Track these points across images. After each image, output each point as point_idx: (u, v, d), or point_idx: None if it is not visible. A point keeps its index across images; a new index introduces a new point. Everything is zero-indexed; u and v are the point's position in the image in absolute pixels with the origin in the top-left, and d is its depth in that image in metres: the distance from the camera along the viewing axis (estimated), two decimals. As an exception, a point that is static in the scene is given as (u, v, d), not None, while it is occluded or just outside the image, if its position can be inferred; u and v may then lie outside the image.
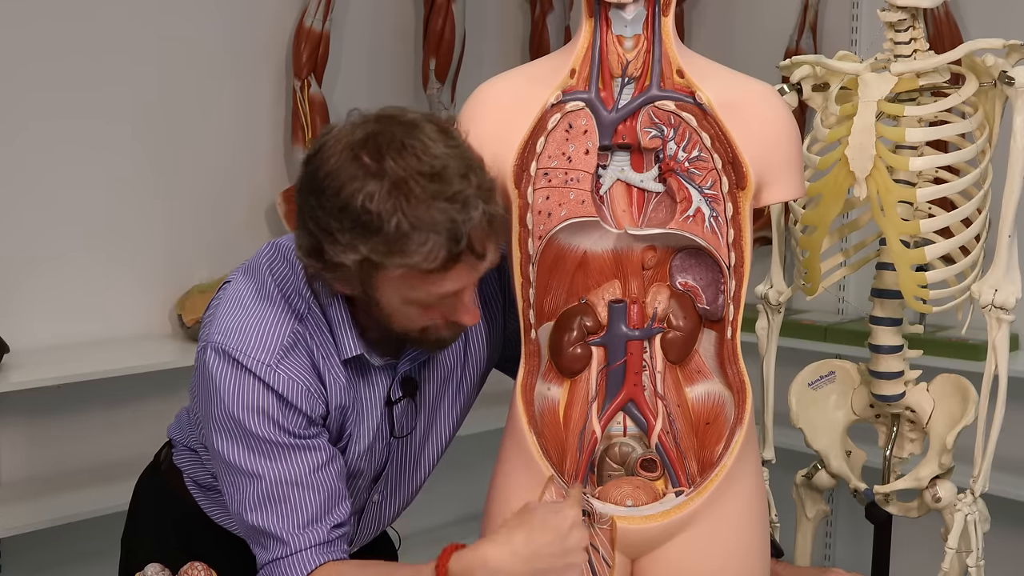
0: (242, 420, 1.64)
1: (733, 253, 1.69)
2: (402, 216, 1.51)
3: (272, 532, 1.66)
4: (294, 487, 1.66)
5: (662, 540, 1.68)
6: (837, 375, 2.20)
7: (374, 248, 1.53)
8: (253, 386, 1.64)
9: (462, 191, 1.52)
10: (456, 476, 2.32)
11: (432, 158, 1.52)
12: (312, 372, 1.68)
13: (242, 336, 1.66)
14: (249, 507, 1.67)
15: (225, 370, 1.65)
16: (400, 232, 1.51)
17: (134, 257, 3.25)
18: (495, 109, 1.71)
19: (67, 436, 3.14)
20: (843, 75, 2.04)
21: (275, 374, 1.64)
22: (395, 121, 1.57)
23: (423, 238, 1.51)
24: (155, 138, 3.25)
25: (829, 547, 3.67)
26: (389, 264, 1.54)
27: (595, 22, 1.68)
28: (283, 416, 1.65)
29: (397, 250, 1.52)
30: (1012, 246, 1.95)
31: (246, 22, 3.41)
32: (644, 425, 1.74)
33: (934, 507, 2.06)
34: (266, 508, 1.66)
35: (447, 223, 1.51)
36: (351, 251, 1.54)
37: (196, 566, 1.75)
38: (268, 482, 1.66)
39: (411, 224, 1.51)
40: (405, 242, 1.52)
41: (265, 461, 1.65)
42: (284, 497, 1.66)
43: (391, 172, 1.51)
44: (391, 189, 1.51)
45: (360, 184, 1.51)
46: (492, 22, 3.98)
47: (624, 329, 1.73)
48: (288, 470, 1.66)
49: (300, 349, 1.67)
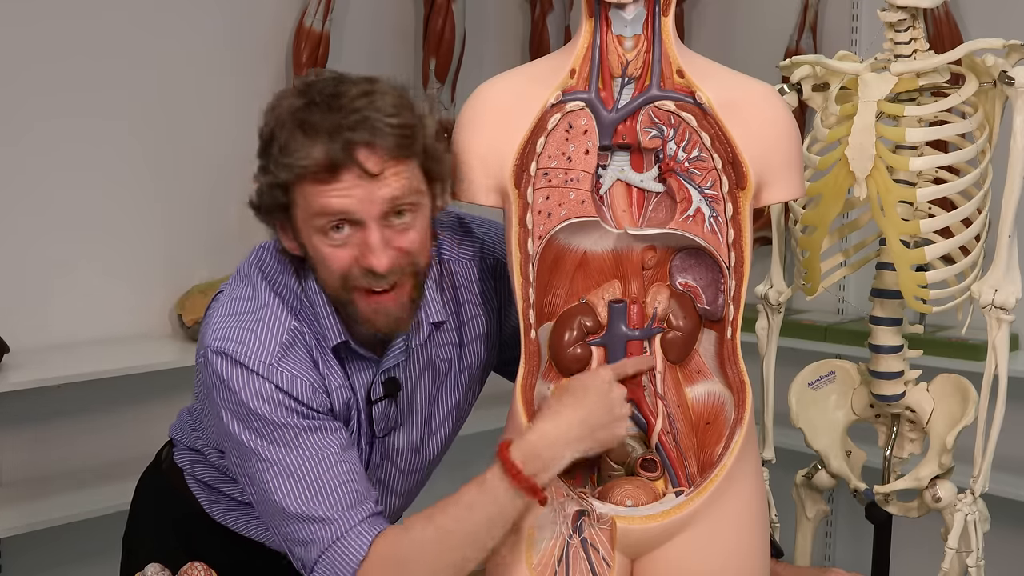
0: (261, 412, 1.63)
1: (733, 253, 1.69)
2: (295, 124, 1.58)
3: (318, 515, 1.61)
4: (331, 466, 1.63)
5: (662, 540, 1.68)
6: (837, 375, 2.20)
7: (273, 159, 1.60)
8: (260, 383, 1.64)
9: (357, 104, 1.58)
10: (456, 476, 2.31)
11: (342, 83, 1.61)
12: (313, 368, 1.68)
13: (240, 339, 1.66)
14: (291, 499, 1.63)
15: (231, 369, 1.65)
16: (290, 137, 1.58)
17: (134, 257, 3.25)
18: (495, 109, 1.71)
19: (67, 436, 3.14)
20: (843, 75, 2.04)
21: (278, 372, 1.64)
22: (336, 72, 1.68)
23: (308, 140, 1.57)
24: (155, 138, 3.25)
25: (829, 547, 3.67)
26: (281, 172, 1.59)
27: (595, 22, 1.68)
28: (296, 404, 1.64)
29: (285, 152, 1.58)
30: (1012, 246, 1.95)
31: (246, 22, 3.41)
32: (644, 425, 1.74)
33: (934, 507, 2.06)
34: (309, 493, 1.62)
35: (332, 128, 1.57)
36: (264, 172, 1.62)
37: (196, 566, 1.75)
38: (304, 469, 1.63)
39: (300, 128, 1.58)
40: (292, 143, 1.58)
41: (295, 450, 1.63)
42: (324, 478, 1.63)
43: (303, 93, 1.61)
44: (296, 109, 1.60)
45: (276, 112, 1.62)
46: (492, 22, 3.98)
47: (624, 329, 1.73)
48: (320, 452, 1.63)
49: (299, 345, 1.68)
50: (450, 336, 1.83)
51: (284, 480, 1.63)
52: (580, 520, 1.67)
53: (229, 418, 1.66)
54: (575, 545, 1.68)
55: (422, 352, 1.80)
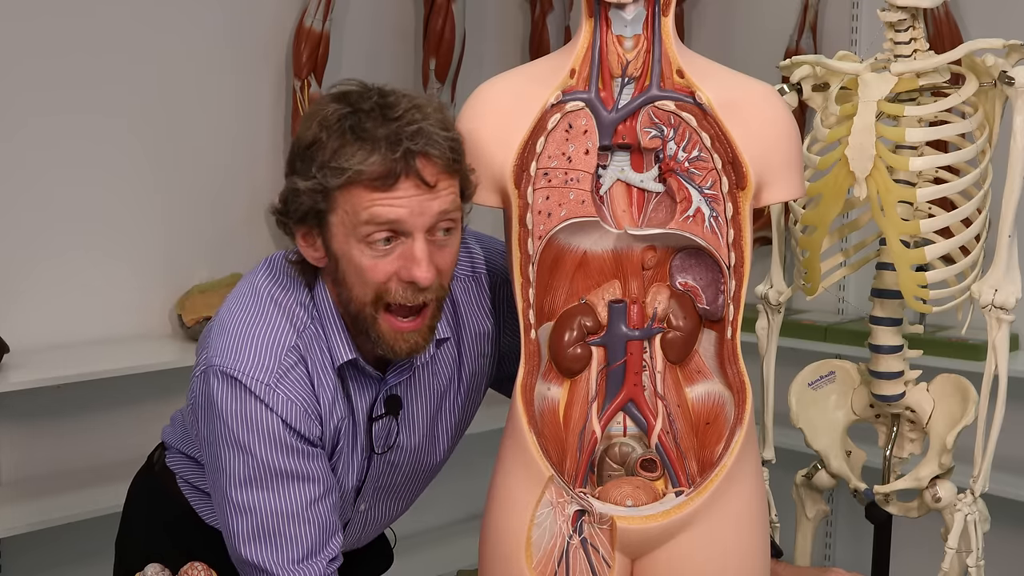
0: (245, 443, 1.64)
1: (733, 253, 1.69)
2: (347, 131, 1.57)
3: (267, 568, 1.65)
4: (291, 521, 1.65)
5: (662, 540, 1.68)
6: (837, 375, 2.20)
7: (320, 164, 1.58)
8: (254, 407, 1.64)
9: (411, 115, 1.57)
10: (456, 476, 2.32)
11: (392, 95, 1.60)
12: (310, 392, 1.68)
13: (240, 356, 1.65)
14: (245, 541, 1.66)
15: (227, 393, 1.64)
16: (343, 143, 1.56)
17: (134, 257, 3.25)
18: (495, 109, 1.71)
19: (67, 436, 3.14)
20: (843, 75, 2.04)
21: (275, 394, 1.64)
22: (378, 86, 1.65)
23: (364, 147, 1.56)
24: (155, 138, 3.25)
25: (829, 547, 3.67)
26: (330, 177, 1.57)
27: (595, 22, 1.68)
28: (285, 437, 1.64)
29: (337, 157, 1.56)
30: (1012, 246, 1.95)
31: (246, 22, 3.41)
32: (644, 425, 1.74)
33: (934, 507, 2.06)
34: (262, 542, 1.66)
35: (390, 136, 1.56)
36: (304, 177, 1.60)
37: (196, 566, 1.75)
38: (265, 515, 1.65)
39: (355, 135, 1.56)
40: (345, 149, 1.56)
41: (264, 493, 1.65)
42: (280, 531, 1.65)
43: (351, 102, 1.60)
44: (344, 115, 1.58)
45: (321, 119, 1.60)
46: (492, 22, 3.98)
47: (624, 329, 1.73)
48: (285, 503, 1.65)
49: (299, 369, 1.67)
50: (450, 352, 1.83)
51: (244, 522, 1.66)
52: (580, 520, 1.67)
53: (215, 438, 1.67)
54: (575, 545, 1.68)
55: (425, 369, 1.80)
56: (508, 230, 1.70)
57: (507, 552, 1.69)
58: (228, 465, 1.66)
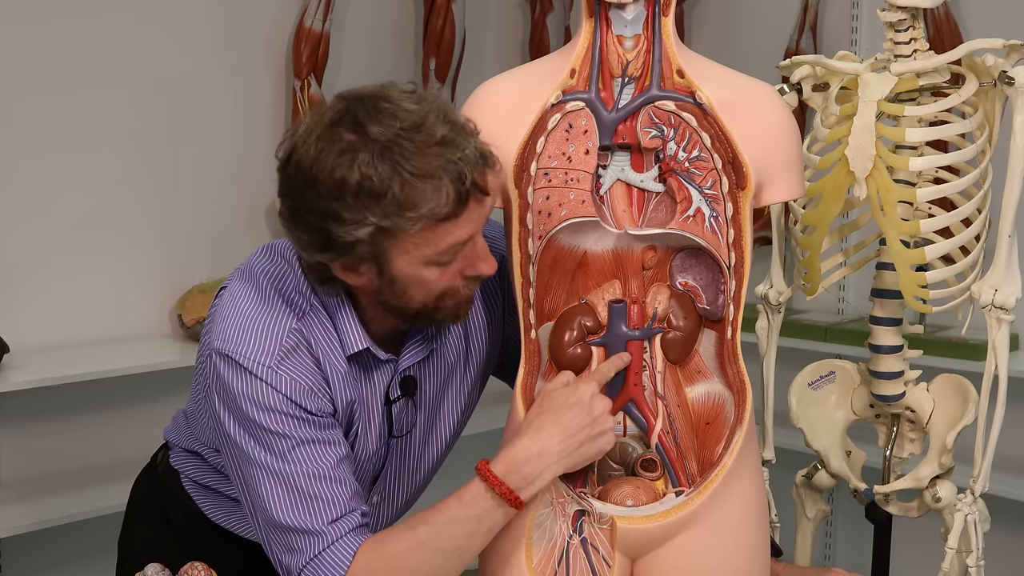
0: (259, 420, 1.63)
1: (733, 253, 1.69)
2: (403, 172, 1.52)
3: (306, 527, 1.63)
4: (324, 481, 1.64)
5: (662, 540, 1.68)
6: (837, 375, 2.20)
7: (385, 212, 1.53)
8: (260, 387, 1.64)
9: (447, 134, 1.54)
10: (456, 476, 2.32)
11: (408, 113, 1.54)
12: (316, 372, 1.67)
13: (240, 340, 1.65)
14: (281, 507, 1.64)
15: (232, 373, 1.65)
16: (406, 188, 1.52)
17: (134, 257, 3.25)
18: (495, 109, 1.71)
19: (67, 436, 3.14)
20: (843, 75, 2.04)
21: (276, 375, 1.64)
22: (357, 95, 1.58)
23: (430, 186, 1.52)
24: (155, 138, 3.25)
25: (829, 547, 3.67)
26: (403, 224, 1.54)
27: (595, 22, 1.69)
28: (295, 412, 1.64)
29: (409, 205, 1.52)
30: (1012, 246, 1.95)
31: (246, 22, 3.41)
32: (644, 425, 1.74)
33: (934, 507, 2.06)
34: (300, 506, 1.64)
35: (447, 165, 1.53)
36: (362, 225, 1.54)
37: (196, 566, 1.75)
38: (297, 478, 1.64)
39: (415, 176, 1.52)
40: (414, 195, 1.52)
41: (289, 461, 1.64)
42: (315, 492, 1.64)
43: (376, 136, 1.53)
44: (382, 151, 1.52)
45: (350, 157, 1.52)
46: (492, 22, 3.98)
47: (624, 329, 1.73)
48: (314, 465, 1.64)
49: (302, 350, 1.67)
50: (456, 332, 1.83)
51: (276, 489, 1.65)
52: (580, 520, 1.68)
53: (228, 419, 1.66)
54: (575, 545, 1.68)
55: (436, 352, 1.80)
56: (508, 230, 1.70)
57: (507, 552, 1.69)
58: (250, 441, 1.65)
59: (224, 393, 1.66)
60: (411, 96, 1.58)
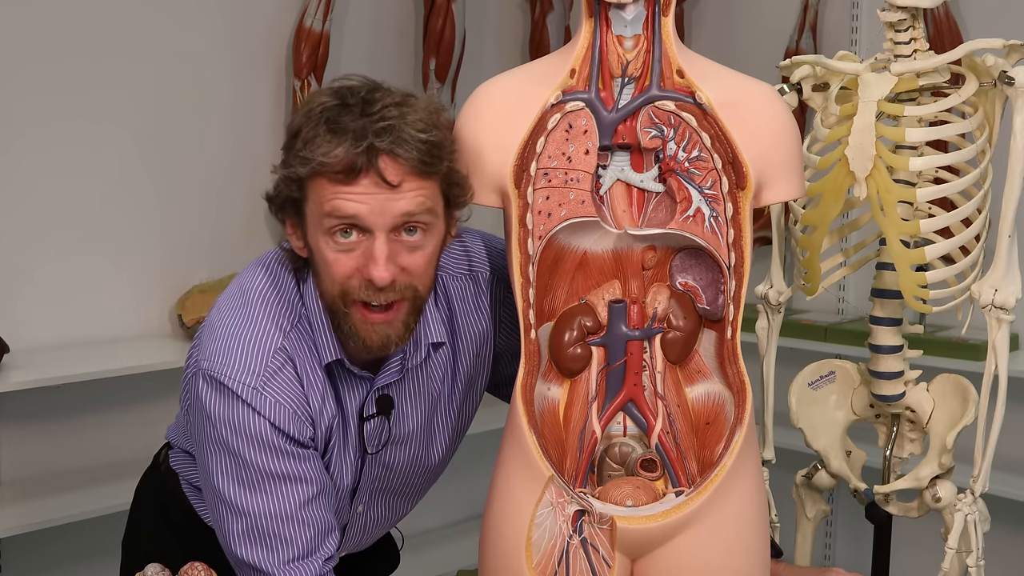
0: (235, 447, 1.64)
1: (733, 253, 1.69)
2: (321, 121, 1.58)
3: (261, 567, 1.65)
4: (284, 522, 1.65)
5: (662, 540, 1.68)
6: (837, 375, 2.20)
7: (296, 152, 1.60)
8: (242, 412, 1.64)
9: (383, 113, 1.58)
10: (456, 476, 2.32)
11: (374, 91, 1.60)
12: (299, 392, 1.67)
13: (227, 360, 1.65)
14: (238, 541, 1.67)
15: (214, 397, 1.65)
16: (311, 132, 1.58)
17: (134, 257, 3.24)
18: (495, 109, 1.71)
19: (67, 436, 3.14)
20: (843, 75, 2.04)
21: (261, 397, 1.64)
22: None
23: (331, 138, 1.57)
24: (155, 138, 3.25)
25: (829, 547, 3.67)
26: (298, 165, 1.59)
27: (595, 22, 1.69)
28: (274, 441, 1.64)
29: (305, 146, 1.58)
30: (1012, 246, 1.95)
31: (246, 22, 3.41)
32: (644, 425, 1.74)
33: (934, 507, 2.06)
34: (255, 543, 1.66)
35: (359, 130, 1.56)
36: (283, 165, 1.63)
37: (196, 566, 1.75)
38: (258, 517, 1.65)
39: (326, 126, 1.57)
40: (315, 140, 1.58)
41: (256, 495, 1.65)
42: (274, 532, 1.65)
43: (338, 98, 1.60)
44: (325, 108, 1.59)
45: (306, 110, 1.62)
46: (492, 22, 3.98)
47: (624, 329, 1.73)
48: (278, 505, 1.65)
49: (287, 370, 1.67)
50: (445, 354, 1.82)
51: (237, 524, 1.66)
52: (580, 520, 1.67)
53: (204, 440, 1.67)
54: (575, 545, 1.68)
55: (418, 372, 1.79)
56: (508, 230, 1.70)
57: (507, 552, 1.69)
58: (219, 468, 1.66)
59: (205, 415, 1.66)
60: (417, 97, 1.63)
